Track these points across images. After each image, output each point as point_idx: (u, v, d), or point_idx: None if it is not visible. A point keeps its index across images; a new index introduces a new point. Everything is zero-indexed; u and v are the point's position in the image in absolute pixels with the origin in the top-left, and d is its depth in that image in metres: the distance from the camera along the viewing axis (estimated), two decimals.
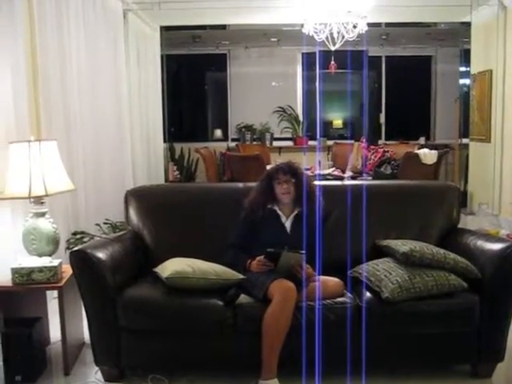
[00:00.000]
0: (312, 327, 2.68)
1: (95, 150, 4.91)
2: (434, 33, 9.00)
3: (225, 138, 9.81)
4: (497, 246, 2.89)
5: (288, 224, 3.17)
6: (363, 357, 2.60)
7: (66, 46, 4.33)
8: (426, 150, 6.01)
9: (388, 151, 6.51)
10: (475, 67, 7.25)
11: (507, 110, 6.39)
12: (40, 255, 3.09)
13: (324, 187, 3.40)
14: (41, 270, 2.97)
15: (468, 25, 6.97)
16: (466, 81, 7.89)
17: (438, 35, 9.05)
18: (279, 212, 3.19)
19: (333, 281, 2.92)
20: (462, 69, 8.33)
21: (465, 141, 7.51)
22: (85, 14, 4.78)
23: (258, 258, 2.96)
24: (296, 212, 3.18)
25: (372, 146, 6.81)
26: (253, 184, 3.35)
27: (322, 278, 2.92)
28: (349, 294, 2.87)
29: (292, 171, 3.17)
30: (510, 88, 6.31)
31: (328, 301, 2.79)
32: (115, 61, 5.67)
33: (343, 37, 5.37)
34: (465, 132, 7.45)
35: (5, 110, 3.38)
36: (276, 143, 9.52)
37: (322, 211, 3.16)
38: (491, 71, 6.74)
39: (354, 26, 5.26)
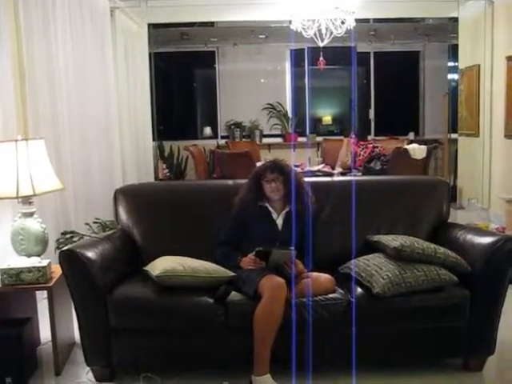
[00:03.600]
0: (304, 323, 2.68)
1: (84, 148, 4.88)
2: (422, 28, 9.02)
3: (214, 135, 9.77)
4: (487, 240, 2.90)
5: (279, 221, 3.16)
6: (354, 352, 2.61)
7: (53, 45, 4.30)
8: (415, 145, 6.02)
9: (377, 147, 6.51)
10: (463, 62, 7.28)
11: (495, 105, 6.42)
12: (29, 255, 3.07)
13: (314, 183, 3.40)
14: (30, 270, 2.94)
15: (455, 20, 6.99)
16: (455, 76, 7.91)
17: (425, 30, 9.07)
18: (271, 209, 3.18)
19: (324, 277, 2.90)
20: (450, 64, 8.34)
21: (454, 136, 7.54)
22: (71, 12, 4.75)
23: (248, 256, 2.96)
24: (287, 209, 3.17)
25: (361, 142, 6.81)
26: (242, 181, 3.34)
27: (314, 274, 2.92)
28: (340, 290, 2.86)
29: (279, 168, 3.15)
30: (497, 82, 6.34)
31: (319, 297, 2.78)
32: (103, 59, 5.63)
33: (331, 33, 5.37)
34: (453, 127, 7.47)
35: None
36: (265, 140, 9.50)
37: (312, 207, 3.16)
38: (479, 66, 6.78)
39: (342, 22, 5.26)
